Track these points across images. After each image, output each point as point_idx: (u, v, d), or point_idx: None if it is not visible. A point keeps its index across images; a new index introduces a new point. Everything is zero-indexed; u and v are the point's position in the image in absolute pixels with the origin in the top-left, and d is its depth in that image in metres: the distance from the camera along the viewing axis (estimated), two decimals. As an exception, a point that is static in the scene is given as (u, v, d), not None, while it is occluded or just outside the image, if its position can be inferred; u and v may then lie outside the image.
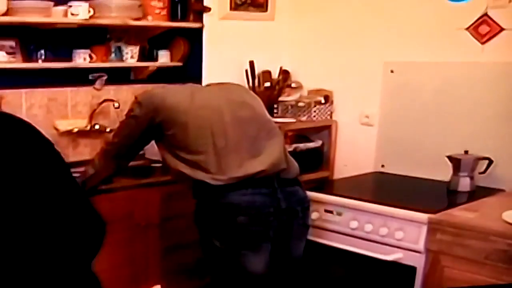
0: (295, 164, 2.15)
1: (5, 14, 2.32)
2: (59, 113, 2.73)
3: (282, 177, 2.04)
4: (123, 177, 2.48)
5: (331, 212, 2.43)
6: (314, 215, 2.42)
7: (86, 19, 2.50)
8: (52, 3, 2.46)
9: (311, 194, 2.41)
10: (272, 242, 2.02)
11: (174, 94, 2.06)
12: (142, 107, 2.04)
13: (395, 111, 2.82)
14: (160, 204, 2.45)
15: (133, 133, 2.09)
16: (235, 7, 2.95)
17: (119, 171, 2.28)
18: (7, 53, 2.45)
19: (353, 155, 2.98)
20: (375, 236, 2.27)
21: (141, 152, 2.38)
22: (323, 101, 3.00)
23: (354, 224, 2.33)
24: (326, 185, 2.83)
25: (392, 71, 2.81)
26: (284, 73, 3.07)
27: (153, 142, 2.17)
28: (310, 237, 2.30)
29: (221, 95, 2.11)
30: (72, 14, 2.47)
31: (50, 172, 1.05)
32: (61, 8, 2.48)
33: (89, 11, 2.49)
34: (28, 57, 2.54)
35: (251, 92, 2.39)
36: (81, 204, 1.11)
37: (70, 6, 2.47)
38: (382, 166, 2.87)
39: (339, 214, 2.40)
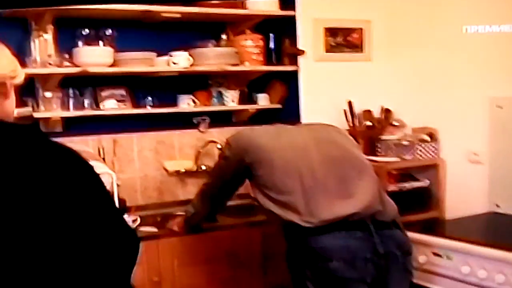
0: (392, 205, 2.01)
1: (113, 65, 2.49)
2: (168, 155, 2.84)
3: (378, 219, 1.92)
4: (227, 216, 2.51)
5: (440, 255, 2.28)
6: (421, 259, 2.31)
7: (186, 67, 2.61)
8: (155, 54, 2.60)
9: (418, 236, 2.32)
10: None
11: (261, 134, 2.05)
12: (231, 148, 2.06)
13: (507, 147, 2.64)
14: (261, 242, 2.45)
15: (225, 174, 2.11)
16: (330, 49, 2.93)
17: (215, 211, 2.29)
18: (118, 100, 2.62)
19: (463, 195, 2.80)
20: (490, 283, 2.09)
21: (244, 191, 2.37)
22: (428, 139, 2.88)
23: (466, 269, 2.18)
24: (435, 226, 2.67)
25: (499, 107, 2.65)
26: (386, 112, 2.99)
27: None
28: (417, 281, 2.20)
29: (309, 134, 2.07)
30: (174, 63, 2.59)
31: (86, 191, 1.08)
32: (163, 58, 2.61)
33: (188, 60, 2.61)
34: (136, 104, 2.70)
35: (343, 131, 2.31)
36: (115, 222, 1.13)
37: (171, 55, 2.60)
38: (497, 206, 2.66)
39: (449, 258, 2.25)
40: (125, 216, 2.42)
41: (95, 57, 2.43)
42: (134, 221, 2.44)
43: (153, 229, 2.41)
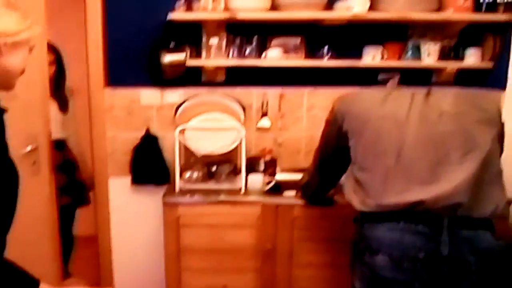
0: (493, 200, 1.54)
1: (276, 10, 2.30)
2: (342, 116, 2.59)
3: (459, 214, 1.52)
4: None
5: None
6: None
7: (358, 14, 2.26)
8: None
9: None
10: None
11: (364, 99, 1.71)
12: (334, 113, 1.78)
13: None
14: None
15: (327, 142, 1.84)
16: None
17: (327, 184, 1.98)
18: (290, 51, 2.43)
19: None
20: None
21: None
22: None
23: None
24: None
25: None
26: None
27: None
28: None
29: (420, 103, 1.62)
30: (347, 9, 2.27)
31: None
32: (340, 3, 2.32)
33: (365, 4, 2.25)
34: (311, 55, 2.48)
35: (482, 99, 1.65)
36: None
37: (344, -1, 2.29)
38: None
39: None
40: (257, 176, 2.34)
41: (247, 1, 2.27)
42: (268, 183, 2.34)
43: (291, 193, 2.28)
